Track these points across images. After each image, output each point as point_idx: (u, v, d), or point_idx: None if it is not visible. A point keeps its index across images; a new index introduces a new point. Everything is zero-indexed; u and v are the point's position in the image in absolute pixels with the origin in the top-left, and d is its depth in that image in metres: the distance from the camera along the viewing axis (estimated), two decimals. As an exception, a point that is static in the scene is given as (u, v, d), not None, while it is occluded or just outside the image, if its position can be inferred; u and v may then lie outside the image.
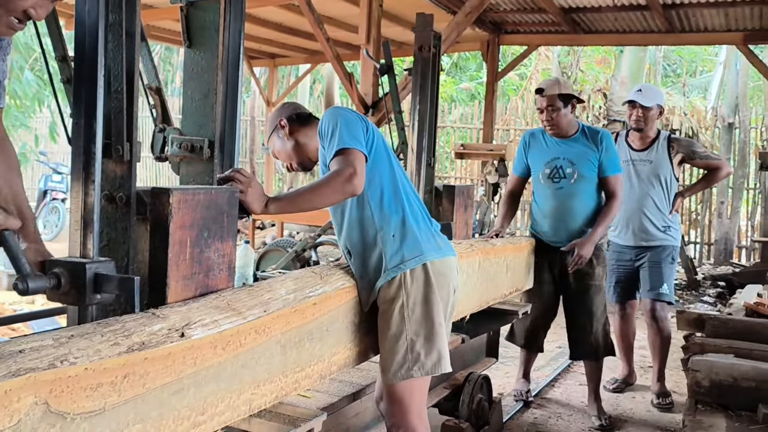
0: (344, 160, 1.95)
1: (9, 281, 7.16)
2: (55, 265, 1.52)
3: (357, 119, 2.09)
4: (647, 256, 3.88)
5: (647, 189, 3.87)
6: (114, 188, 1.67)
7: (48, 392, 1.15)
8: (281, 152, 2.27)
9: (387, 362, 2.07)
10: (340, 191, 1.94)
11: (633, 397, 3.99)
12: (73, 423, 1.20)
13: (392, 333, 2.05)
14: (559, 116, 3.43)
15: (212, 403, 1.53)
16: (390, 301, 2.06)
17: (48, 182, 10.46)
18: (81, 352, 1.23)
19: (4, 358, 1.13)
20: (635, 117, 3.86)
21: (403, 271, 2.06)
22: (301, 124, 2.25)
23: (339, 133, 2.00)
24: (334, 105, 2.41)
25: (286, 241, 5.92)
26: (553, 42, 8.81)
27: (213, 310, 1.59)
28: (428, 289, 2.07)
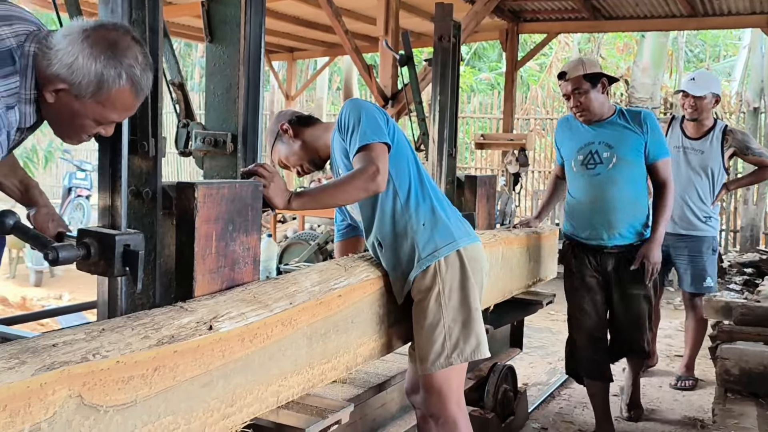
0: (367, 157, 1.95)
1: (36, 277, 7.29)
2: (86, 235, 1.53)
3: (378, 111, 2.08)
4: (687, 247, 3.83)
5: (694, 178, 3.81)
6: (140, 184, 1.69)
7: (81, 385, 1.17)
8: (289, 157, 2.24)
9: (425, 352, 2.06)
10: (364, 189, 1.94)
11: (660, 386, 3.96)
12: (106, 415, 1.21)
13: (429, 322, 2.05)
14: (588, 99, 3.00)
15: (241, 395, 1.54)
16: (426, 291, 2.05)
17: (72, 179, 10.57)
18: (112, 346, 1.25)
19: (38, 351, 1.15)
20: (688, 107, 3.78)
21: (437, 259, 2.05)
22: (304, 125, 2.24)
23: (361, 127, 1.99)
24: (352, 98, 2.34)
25: (309, 234, 5.94)
26: (573, 29, 8.71)
27: (240, 303, 1.61)
28: (463, 275, 2.07)
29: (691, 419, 3.50)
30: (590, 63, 3.06)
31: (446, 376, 2.06)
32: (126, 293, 1.65)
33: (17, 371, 1.08)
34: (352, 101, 2.11)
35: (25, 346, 1.17)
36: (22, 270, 7.53)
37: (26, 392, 1.08)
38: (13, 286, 6.77)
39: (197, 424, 1.42)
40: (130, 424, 1.26)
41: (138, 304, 1.70)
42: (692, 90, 3.75)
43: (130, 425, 1.26)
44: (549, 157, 11.23)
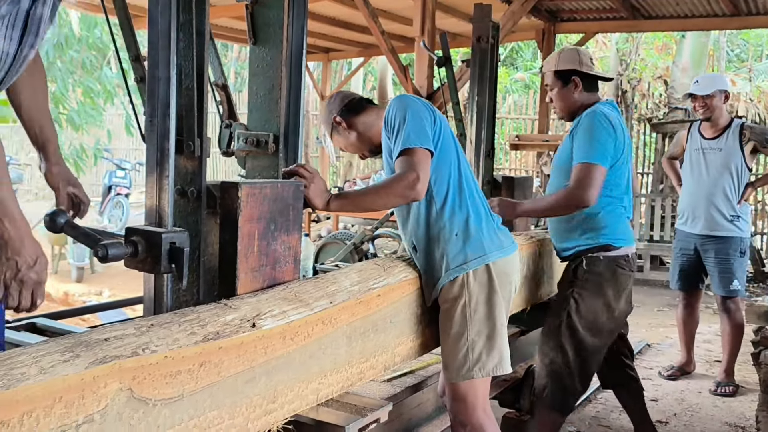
0: (408, 163, 1.94)
1: (77, 273, 7.47)
2: (134, 233, 1.58)
3: (425, 110, 2.05)
4: (714, 249, 3.82)
5: (717, 177, 3.81)
6: (185, 183, 1.72)
7: (131, 379, 1.21)
8: (348, 146, 2.24)
9: (448, 360, 2.07)
10: (402, 196, 1.95)
11: (699, 392, 3.89)
12: (154, 409, 1.25)
13: (454, 332, 2.05)
14: (555, 98, 2.79)
15: (282, 392, 1.56)
16: (452, 300, 2.05)
17: (112, 178, 10.81)
18: (161, 341, 1.28)
19: (90, 345, 1.19)
20: (699, 107, 3.86)
21: (465, 271, 2.04)
22: (356, 114, 2.20)
23: (405, 130, 1.97)
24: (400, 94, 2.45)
25: (344, 233, 5.98)
26: (611, 29, 8.60)
27: (281, 301, 1.63)
28: (491, 289, 2.06)
29: (732, 426, 3.44)
30: (566, 58, 2.74)
31: (471, 385, 2.06)
32: (171, 290, 1.69)
33: (72, 364, 1.12)
34: (399, 99, 2.08)
35: (79, 339, 1.21)
36: (64, 266, 7.72)
37: (80, 384, 1.12)
38: (56, 282, 6.94)
39: (240, 419, 1.44)
40: (177, 418, 1.29)
41: (183, 300, 1.73)
42: (699, 91, 3.82)
43: (177, 419, 1.29)
44: (585, 158, 11.10)
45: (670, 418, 3.50)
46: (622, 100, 9.37)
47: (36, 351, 1.12)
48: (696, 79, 3.99)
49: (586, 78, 2.73)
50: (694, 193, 3.89)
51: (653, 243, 7.36)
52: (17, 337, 2.32)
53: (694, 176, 3.91)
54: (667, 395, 3.82)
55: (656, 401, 3.72)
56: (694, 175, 3.90)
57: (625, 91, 9.38)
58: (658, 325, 5.52)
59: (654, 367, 4.29)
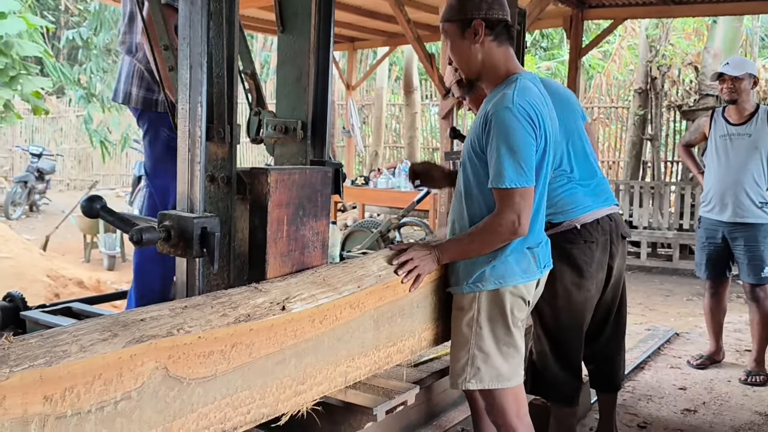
0: (510, 204, 1.87)
1: (109, 262, 7.61)
2: (166, 219, 1.62)
3: (530, 132, 1.88)
4: (743, 236, 3.78)
5: (746, 163, 3.77)
6: (216, 169, 1.75)
7: (167, 358, 1.25)
8: (455, 54, 2.01)
9: (451, 365, 2.07)
10: (506, 240, 1.93)
11: (729, 380, 3.85)
12: (188, 387, 1.29)
13: (458, 340, 2.04)
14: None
15: (311, 374, 1.60)
16: (460, 310, 2.03)
17: (142, 168, 10.94)
18: (194, 322, 1.32)
19: (128, 325, 1.23)
20: (726, 89, 3.82)
21: (479, 290, 1.99)
22: (496, 38, 1.96)
23: (505, 163, 1.85)
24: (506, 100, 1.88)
25: (370, 222, 6.00)
26: (640, 15, 8.46)
27: (310, 285, 1.66)
28: (502, 312, 1.99)
29: (763, 415, 3.40)
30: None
31: (500, 392, 2.03)
32: (203, 274, 1.72)
33: (110, 343, 1.16)
34: (505, 112, 1.86)
35: (116, 319, 1.25)
36: (96, 254, 7.87)
37: (118, 362, 1.16)
38: (88, 270, 7.08)
39: (271, 399, 1.48)
40: (210, 397, 1.33)
41: (214, 284, 1.77)
42: (729, 71, 3.77)
43: (210, 397, 1.33)
44: (613, 146, 10.99)
45: (698, 407, 3.48)
46: (651, 87, 9.24)
47: (76, 330, 1.17)
48: (726, 61, 3.94)
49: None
50: (722, 179, 3.84)
51: (682, 231, 7.26)
52: (54, 320, 2.39)
53: (720, 163, 3.86)
54: (696, 384, 3.79)
55: (685, 390, 3.69)
56: (721, 162, 3.85)
57: (655, 78, 9.24)
58: (687, 315, 5.46)
59: (683, 356, 4.25)
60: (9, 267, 5.62)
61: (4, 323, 2.53)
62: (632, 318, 5.21)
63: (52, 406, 1.07)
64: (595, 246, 2.48)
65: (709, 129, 3.96)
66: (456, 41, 1.99)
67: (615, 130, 11.30)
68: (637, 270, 7.19)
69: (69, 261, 7.40)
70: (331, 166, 1.96)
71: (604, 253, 2.52)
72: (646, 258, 7.30)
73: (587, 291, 2.51)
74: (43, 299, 4.63)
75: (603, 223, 2.50)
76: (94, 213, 1.62)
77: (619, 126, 11.23)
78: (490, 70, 1.99)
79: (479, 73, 2.01)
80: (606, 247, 2.52)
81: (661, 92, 9.27)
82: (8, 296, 2.59)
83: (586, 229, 2.47)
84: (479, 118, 1.98)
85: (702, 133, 4.07)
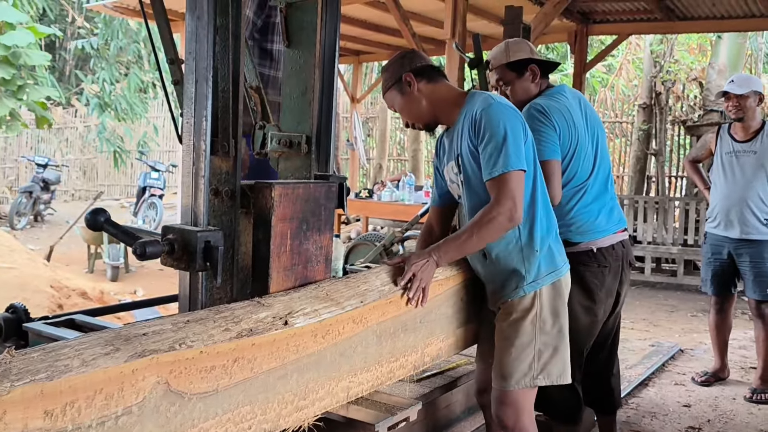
0: (505, 190, 1.91)
1: (112, 273, 7.61)
2: (169, 232, 1.62)
3: (518, 122, 2.00)
4: (748, 252, 3.77)
5: (751, 180, 3.76)
6: (220, 183, 1.76)
7: (168, 372, 1.24)
8: (404, 110, 2.13)
9: (510, 369, 2.05)
10: (504, 230, 1.96)
11: (734, 398, 3.83)
12: (190, 402, 1.28)
13: (521, 341, 2.04)
14: (513, 92, 2.57)
15: (313, 389, 1.59)
16: (523, 311, 2.04)
17: (147, 179, 10.99)
18: (197, 336, 1.32)
19: (130, 339, 1.23)
20: (732, 107, 3.82)
21: (540, 287, 2.04)
22: (429, 80, 2.10)
23: (506, 149, 1.92)
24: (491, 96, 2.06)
25: (374, 235, 6.00)
26: (645, 30, 8.48)
27: (313, 299, 1.66)
28: (560, 302, 2.09)
29: (768, 434, 3.37)
30: (516, 48, 2.58)
31: (526, 392, 2.07)
32: (206, 288, 1.72)
33: (112, 357, 1.16)
34: (500, 107, 1.99)
35: (118, 333, 1.25)
36: (99, 265, 7.88)
37: (120, 377, 1.16)
38: (92, 281, 7.09)
39: (272, 414, 1.47)
40: (211, 412, 1.32)
41: (216, 298, 1.77)
42: (734, 89, 3.76)
43: (211, 413, 1.32)
44: (617, 160, 10.98)
45: (703, 424, 3.45)
46: (656, 102, 9.24)
47: (78, 344, 1.16)
48: (731, 78, 3.94)
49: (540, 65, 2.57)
50: (727, 196, 3.84)
51: (687, 247, 7.24)
52: (57, 332, 2.38)
53: (726, 179, 3.85)
54: (700, 401, 3.76)
55: (689, 407, 3.66)
56: (727, 179, 3.85)
57: (659, 93, 9.24)
58: (692, 331, 5.43)
59: (687, 373, 4.22)
60: (13, 277, 5.62)
61: (7, 335, 2.52)
62: (636, 333, 5.19)
63: (53, 420, 1.06)
64: (607, 271, 2.48)
65: (715, 145, 3.96)
66: (400, 102, 2.12)
67: (619, 145, 11.30)
68: (641, 285, 7.15)
69: (73, 271, 7.40)
70: (336, 180, 1.96)
71: (615, 279, 2.52)
72: (650, 273, 7.27)
73: (594, 315, 2.50)
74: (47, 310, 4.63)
75: (617, 249, 2.50)
76: (98, 226, 1.63)
77: (624, 141, 11.22)
78: (441, 104, 2.11)
79: (432, 113, 2.12)
80: (618, 273, 2.52)
81: (666, 107, 9.27)
82: (11, 308, 2.59)
83: (601, 253, 2.46)
84: (463, 129, 2.03)
85: (708, 149, 4.07)
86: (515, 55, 2.55)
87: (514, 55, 2.55)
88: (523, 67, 2.55)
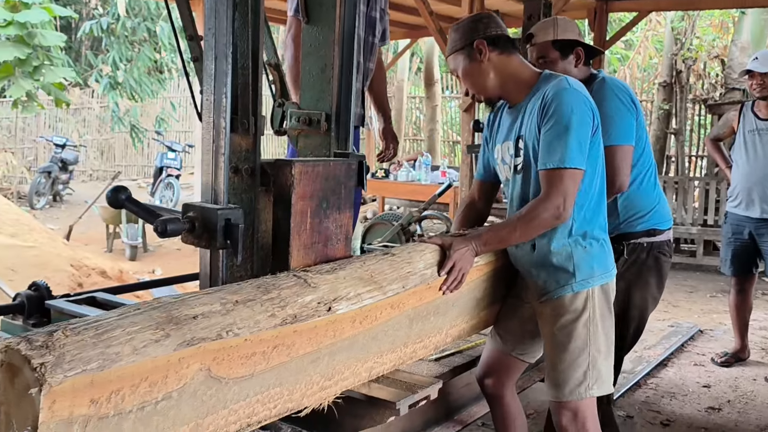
0: (558, 187, 1.82)
1: (131, 252, 7.67)
2: (190, 210, 1.61)
3: (589, 115, 1.87)
4: None
5: None
6: (240, 161, 1.74)
7: (212, 360, 1.24)
8: (468, 78, 2.00)
9: (564, 377, 1.93)
10: (549, 227, 1.88)
11: (754, 379, 3.80)
12: (226, 386, 1.28)
13: (575, 346, 1.92)
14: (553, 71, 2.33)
15: (339, 371, 1.57)
16: (575, 312, 1.92)
17: (164, 159, 11.03)
18: (243, 323, 1.30)
19: (180, 323, 1.21)
20: (756, 85, 3.76)
21: (592, 286, 1.93)
22: (502, 51, 1.97)
23: (568, 141, 1.81)
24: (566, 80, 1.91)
25: (391, 214, 5.98)
26: (666, 7, 8.33)
27: (357, 281, 1.62)
28: (610, 305, 1.98)
29: (789, 415, 3.35)
30: (565, 27, 2.42)
31: (584, 403, 1.94)
32: (226, 266, 1.72)
33: (162, 345, 1.15)
34: (574, 93, 1.86)
35: (170, 314, 1.22)
36: (118, 245, 7.94)
37: (166, 365, 1.15)
38: (111, 260, 7.15)
39: (298, 395, 1.47)
40: (243, 394, 1.32)
41: (237, 276, 1.76)
42: (757, 67, 3.71)
43: (243, 395, 1.32)
44: (636, 140, 10.85)
45: (723, 405, 3.43)
46: (676, 80, 9.09)
47: (130, 324, 1.15)
48: (755, 56, 3.86)
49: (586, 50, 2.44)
50: (749, 175, 3.78)
51: (707, 227, 7.16)
52: (79, 309, 2.40)
53: (749, 158, 3.79)
54: (720, 382, 3.74)
55: (709, 387, 3.64)
56: (749, 157, 3.79)
57: (680, 71, 9.09)
58: (711, 311, 5.39)
59: (706, 353, 4.20)
60: (33, 256, 5.68)
61: (30, 312, 2.55)
62: (655, 314, 5.12)
63: (97, 408, 1.06)
64: (670, 263, 2.45)
65: (738, 123, 3.90)
66: (465, 68, 2.00)
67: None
68: (659, 265, 7.09)
69: (92, 251, 7.47)
70: (355, 158, 1.94)
71: None
72: (670, 253, 7.21)
73: (654, 307, 2.46)
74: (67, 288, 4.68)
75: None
76: (120, 203, 1.62)
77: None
78: (510, 79, 1.99)
79: (498, 88, 2.00)
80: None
81: (686, 86, 9.12)
82: (33, 285, 2.62)
83: (672, 244, 2.45)
84: (533, 110, 1.91)
85: (730, 127, 4.01)
86: (563, 34, 2.41)
87: (562, 33, 2.41)
88: (569, 48, 2.42)
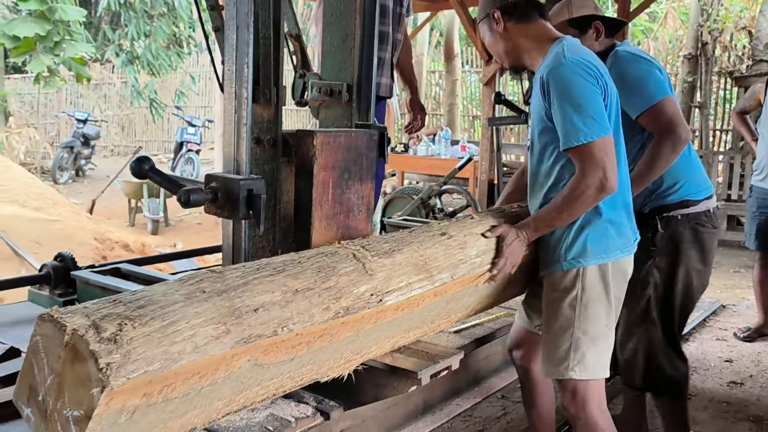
0: (592, 161, 1.74)
1: (153, 226, 7.75)
2: (213, 180, 1.62)
3: (592, 81, 1.77)
4: None
5: None
6: (262, 131, 1.75)
7: (261, 353, 1.26)
8: (491, 47, 1.98)
9: (548, 353, 1.91)
10: (596, 201, 1.79)
11: (778, 355, 3.77)
12: (267, 370, 1.30)
13: (559, 325, 1.88)
14: None
15: (368, 347, 1.58)
16: (562, 291, 1.87)
17: (184, 135, 11.09)
18: (299, 317, 1.31)
19: (241, 317, 1.22)
20: None
21: (582, 266, 1.85)
22: (519, 20, 1.90)
23: (574, 119, 1.73)
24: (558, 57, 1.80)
25: (411, 188, 5.97)
26: (692, -24, 8.15)
27: (411, 268, 1.61)
28: (605, 289, 1.87)
29: (812, 390, 3.32)
30: (579, 4, 2.35)
31: (590, 381, 1.89)
32: (248, 236, 1.73)
33: (221, 342, 1.17)
34: (567, 67, 1.76)
35: (232, 304, 1.22)
36: (140, 219, 8.03)
37: (221, 361, 1.17)
38: (133, 234, 7.24)
39: (325, 368, 1.47)
40: (277, 373, 1.33)
41: (259, 246, 1.78)
42: None
43: (277, 373, 1.33)
44: (659, 114, 10.68)
45: (745, 379, 3.41)
46: (702, 52, 8.91)
47: (194, 315, 1.15)
48: None
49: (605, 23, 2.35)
50: None
51: (731, 202, 7.07)
52: (103, 280, 2.44)
53: None
54: (742, 356, 3.71)
55: (731, 362, 3.62)
56: None
57: (706, 43, 8.90)
58: (734, 287, 5.34)
59: (729, 328, 4.16)
60: (58, 230, 5.77)
61: (56, 282, 2.60)
62: (677, 289, 5.12)
63: (148, 398, 1.08)
64: (717, 234, 2.34)
65: (765, 96, 3.82)
66: (488, 39, 1.98)
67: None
68: (682, 241, 7.03)
69: (114, 225, 7.56)
70: (376, 129, 1.93)
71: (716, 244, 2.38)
72: (692, 228, 7.14)
73: (704, 280, 2.36)
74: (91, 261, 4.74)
75: (717, 213, 2.37)
76: (143, 174, 1.64)
77: (667, 93, 10.91)
78: (528, 47, 1.92)
79: (517, 57, 1.95)
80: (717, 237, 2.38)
81: (712, 58, 8.94)
82: (59, 256, 2.66)
83: (715, 214, 2.33)
84: (536, 87, 1.87)
85: (757, 99, 3.93)
86: (578, 11, 2.33)
87: (577, 11, 2.33)
88: (587, 24, 2.33)
